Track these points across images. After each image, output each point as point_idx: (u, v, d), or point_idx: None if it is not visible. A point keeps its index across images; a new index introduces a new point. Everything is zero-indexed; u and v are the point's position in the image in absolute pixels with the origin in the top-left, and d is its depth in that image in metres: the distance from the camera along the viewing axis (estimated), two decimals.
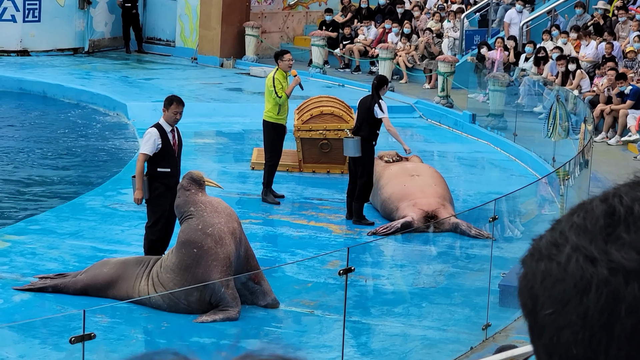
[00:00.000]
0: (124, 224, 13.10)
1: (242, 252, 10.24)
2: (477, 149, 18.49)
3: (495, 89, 19.29)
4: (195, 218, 10.09)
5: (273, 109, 14.12)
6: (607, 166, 16.15)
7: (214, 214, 10.12)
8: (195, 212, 10.13)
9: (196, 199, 10.18)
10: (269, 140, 14.25)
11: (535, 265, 1.21)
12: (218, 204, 10.32)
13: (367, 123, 13.44)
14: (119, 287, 10.44)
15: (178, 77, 23.79)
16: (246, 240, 10.42)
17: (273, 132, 14.17)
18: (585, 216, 1.21)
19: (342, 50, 24.63)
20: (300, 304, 10.66)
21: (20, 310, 10.22)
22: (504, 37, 22.35)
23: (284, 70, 14.22)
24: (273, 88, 14.04)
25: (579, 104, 17.42)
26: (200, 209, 10.13)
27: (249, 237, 10.75)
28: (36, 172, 16.27)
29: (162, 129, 11.09)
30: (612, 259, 1.16)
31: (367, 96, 13.79)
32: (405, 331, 10.14)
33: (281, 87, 14.05)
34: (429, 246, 12.83)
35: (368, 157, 13.41)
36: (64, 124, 19.77)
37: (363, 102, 13.71)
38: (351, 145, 13.44)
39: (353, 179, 13.54)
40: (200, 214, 10.10)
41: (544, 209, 13.82)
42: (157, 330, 10.02)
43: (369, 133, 13.39)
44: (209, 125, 19.27)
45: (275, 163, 14.25)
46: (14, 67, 23.97)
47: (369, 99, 13.58)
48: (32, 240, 12.36)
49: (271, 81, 14.13)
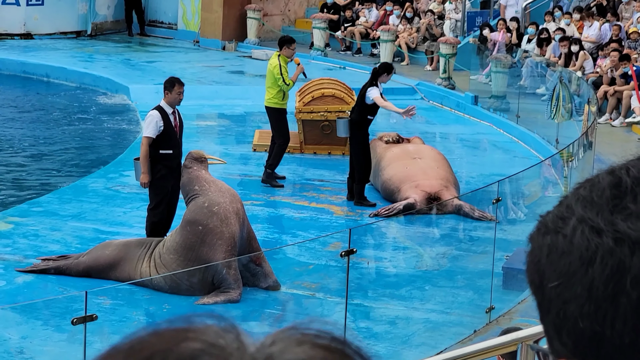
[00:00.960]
0: (126, 206, 13.10)
1: (244, 234, 10.26)
2: (480, 130, 18.46)
3: (498, 70, 19.23)
4: (201, 197, 10.15)
5: (278, 95, 14.07)
6: (610, 148, 16.11)
7: (218, 193, 10.17)
8: (200, 191, 10.18)
9: (199, 176, 10.25)
10: (280, 125, 14.21)
11: (541, 239, 1.19)
12: (222, 184, 10.41)
13: (358, 106, 13.49)
14: (121, 268, 10.45)
15: (180, 59, 23.76)
16: (248, 223, 10.44)
17: (279, 115, 14.17)
18: (591, 188, 1.18)
19: (344, 32, 24.57)
20: (302, 286, 10.66)
21: (22, 292, 10.23)
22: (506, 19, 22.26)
23: (287, 57, 14.15)
24: (280, 76, 13.95)
25: (582, 85, 17.38)
26: (205, 187, 10.19)
27: (250, 219, 10.76)
28: (39, 155, 16.26)
29: (164, 111, 11.08)
30: (618, 229, 1.13)
31: (368, 81, 13.78)
32: (408, 314, 10.13)
33: (287, 75, 14.01)
34: (431, 228, 12.81)
35: (357, 140, 13.39)
36: (66, 107, 19.75)
37: (363, 86, 13.74)
38: (340, 126, 13.71)
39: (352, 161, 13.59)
40: (206, 193, 10.16)
41: (548, 191, 13.79)
42: (158, 311, 10.02)
43: (359, 117, 13.41)
44: (211, 108, 19.25)
45: (285, 144, 14.30)
46: (17, 50, 23.94)
47: (366, 84, 13.58)
48: (35, 222, 12.36)
49: (277, 69, 14.01)
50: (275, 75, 14.01)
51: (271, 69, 14.12)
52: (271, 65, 14.15)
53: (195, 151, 10.56)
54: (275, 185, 14.16)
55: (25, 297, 10.06)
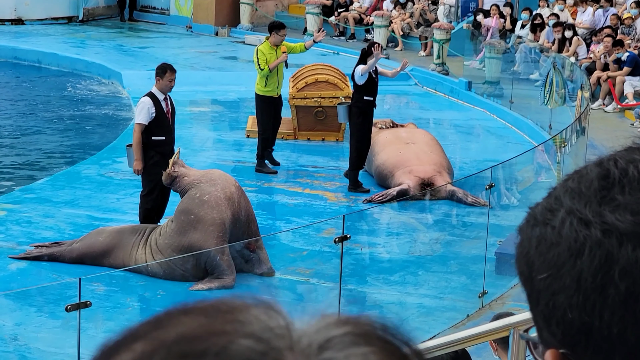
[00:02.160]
0: (119, 192, 13.09)
1: (242, 216, 10.27)
2: (473, 116, 18.46)
3: (492, 56, 19.23)
4: (193, 189, 10.23)
5: (260, 82, 14.05)
6: (604, 133, 16.13)
7: (209, 182, 10.25)
8: (193, 185, 10.24)
9: (184, 173, 10.33)
10: (259, 113, 14.20)
11: (530, 231, 1.20)
12: (213, 173, 10.45)
13: (354, 90, 13.46)
14: (115, 255, 10.46)
15: (173, 45, 23.72)
16: (248, 204, 10.44)
17: (262, 104, 14.09)
18: (579, 180, 1.19)
19: (337, 18, 24.54)
20: (296, 272, 10.67)
21: (16, 279, 10.23)
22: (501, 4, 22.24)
23: (274, 44, 14.03)
24: (256, 60, 13.90)
25: (576, 70, 17.39)
26: (196, 181, 10.27)
27: None
28: (31, 141, 16.24)
29: (155, 98, 11.07)
30: (606, 221, 1.14)
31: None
32: (402, 299, 10.16)
33: (265, 60, 13.90)
34: (425, 214, 12.83)
35: (354, 126, 13.39)
36: (58, 93, 19.72)
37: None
38: (341, 112, 13.68)
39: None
40: (197, 185, 10.23)
41: (541, 177, 13.81)
42: (153, 298, 10.03)
43: (356, 100, 13.41)
44: (204, 94, 19.23)
45: (267, 136, 14.19)
46: (8, 36, 23.87)
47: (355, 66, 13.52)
48: (28, 208, 12.35)
49: (255, 54, 13.97)
50: (254, 60, 13.98)
51: (260, 54, 14.06)
52: (260, 52, 14.08)
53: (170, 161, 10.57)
54: (269, 172, 14.16)
55: (19, 284, 10.06)
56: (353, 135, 13.44)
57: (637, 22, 19.63)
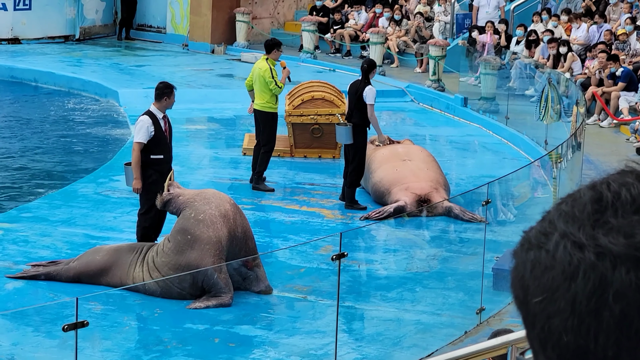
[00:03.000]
0: (116, 210, 13.09)
1: (239, 233, 10.26)
2: (469, 132, 18.49)
3: (487, 72, 19.27)
4: (188, 209, 10.25)
5: (272, 99, 14.05)
6: (599, 148, 16.16)
7: (203, 201, 10.27)
8: (188, 205, 10.26)
9: (179, 193, 10.34)
10: (270, 130, 14.15)
11: (525, 255, 1.21)
12: (207, 192, 10.52)
13: (358, 109, 13.37)
14: (112, 274, 10.45)
15: (169, 63, 23.75)
16: (244, 221, 10.43)
17: (272, 122, 14.14)
18: (573, 204, 1.20)
19: (333, 35, 24.59)
20: (294, 290, 10.67)
21: (13, 298, 10.21)
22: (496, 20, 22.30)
23: (275, 60, 14.14)
24: (272, 79, 13.92)
25: (571, 86, 17.42)
26: (190, 201, 10.28)
27: None
28: (28, 160, 16.24)
29: (154, 116, 11.10)
30: (600, 244, 1.15)
31: (357, 81, 13.65)
32: (399, 316, 10.15)
33: (278, 78, 14.04)
34: (422, 230, 12.83)
35: (360, 142, 13.39)
36: (55, 112, 19.73)
37: (353, 88, 13.59)
38: (343, 133, 13.44)
39: (348, 162, 13.53)
40: (192, 204, 10.25)
41: (537, 192, 13.83)
42: (150, 316, 10.02)
43: (361, 119, 13.34)
44: (200, 112, 19.24)
45: (272, 150, 14.27)
46: (5, 55, 23.89)
47: (358, 84, 13.48)
48: (25, 227, 12.34)
49: (269, 72, 13.95)
50: (267, 79, 13.95)
51: (261, 73, 14.01)
52: (261, 70, 14.04)
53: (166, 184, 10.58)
54: (267, 189, 14.15)
55: (16, 304, 10.04)
56: (356, 154, 13.32)
57: (632, 38, 19.68)
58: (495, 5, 22.73)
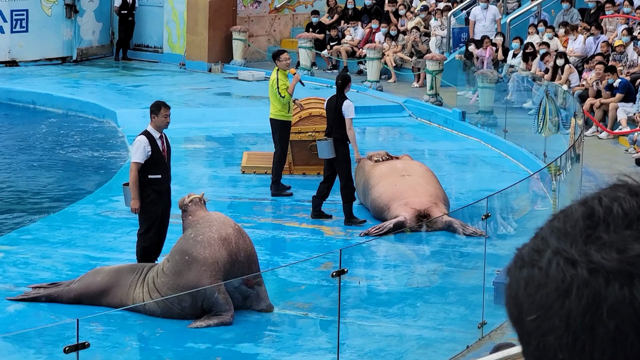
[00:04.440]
0: (116, 231, 13.08)
1: (241, 257, 10.23)
2: (468, 146, 18.49)
3: (484, 85, 19.29)
4: (190, 229, 10.31)
5: (284, 108, 14.50)
6: (598, 160, 16.16)
7: (206, 224, 10.28)
8: (191, 225, 10.32)
9: (194, 215, 10.38)
10: (282, 137, 14.60)
11: (518, 272, 1.21)
12: (212, 215, 10.49)
13: (338, 124, 13.46)
14: (113, 294, 10.44)
15: (167, 83, 23.76)
16: (248, 246, 10.36)
17: (285, 129, 14.61)
18: (565, 220, 1.20)
19: (330, 51, 24.62)
20: (295, 307, 10.65)
21: (14, 321, 10.20)
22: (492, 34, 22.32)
23: (284, 69, 14.59)
24: (277, 89, 14.21)
25: (569, 98, 17.43)
26: (195, 222, 10.35)
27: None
28: (27, 182, 16.24)
29: (151, 136, 11.10)
30: (592, 260, 1.15)
31: (333, 96, 13.77)
32: (401, 331, 10.13)
33: (285, 87, 14.43)
34: (422, 245, 12.82)
35: (342, 157, 13.42)
36: (54, 133, 19.74)
37: (330, 104, 13.71)
38: (325, 148, 13.50)
39: (326, 179, 13.55)
40: (194, 225, 10.28)
41: (537, 205, 13.82)
42: (151, 336, 10.00)
43: (342, 134, 13.41)
44: (198, 130, 19.25)
45: (284, 158, 14.76)
46: (2, 77, 23.92)
47: (335, 100, 13.58)
48: (25, 249, 12.33)
49: (274, 82, 14.44)
50: (273, 89, 14.41)
51: (270, 83, 14.66)
52: (270, 80, 14.71)
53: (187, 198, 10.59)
54: (286, 194, 14.47)
55: (17, 326, 10.03)
56: (341, 170, 13.36)
57: (629, 49, 19.71)
58: (491, 19, 22.77)
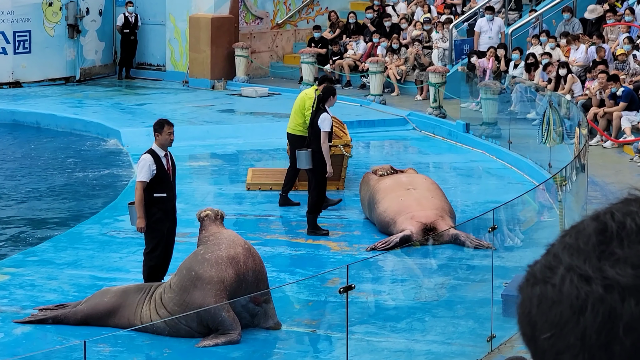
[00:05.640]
0: (122, 251, 13.06)
1: (249, 277, 10.16)
2: (473, 158, 18.47)
3: (488, 97, 19.28)
4: (200, 246, 10.32)
5: (304, 125, 14.46)
6: (603, 169, 16.12)
7: (215, 241, 10.25)
8: (202, 242, 10.34)
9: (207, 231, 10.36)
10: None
11: (531, 290, 1.18)
12: (224, 233, 10.40)
13: (316, 136, 13.47)
14: (120, 315, 10.41)
15: (170, 101, 23.79)
16: (257, 266, 10.27)
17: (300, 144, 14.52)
18: (577, 236, 1.17)
19: (332, 66, 24.64)
20: (302, 324, 10.61)
21: (21, 343, 10.16)
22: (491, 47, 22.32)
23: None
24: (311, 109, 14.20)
25: (572, 108, 17.41)
26: (206, 238, 10.33)
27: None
28: (32, 203, 16.22)
29: (156, 154, 11.08)
30: (607, 276, 1.12)
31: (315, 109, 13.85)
32: (410, 346, 10.09)
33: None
34: (429, 259, 12.78)
35: (320, 169, 13.46)
36: (58, 153, 19.74)
37: (312, 116, 13.81)
38: (303, 158, 13.59)
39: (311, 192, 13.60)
40: (205, 243, 10.31)
41: (543, 216, 13.78)
42: (159, 356, 9.96)
43: (319, 146, 13.44)
44: (203, 148, 19.25)
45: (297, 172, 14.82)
46: (6, 99, 23.95)
47: (315, 112, 13.64)
48: (31, 271, 12.30)
49: (307, 101, 14.38)
50: (307, 105, 14.35)
51: (305, 98, 14.55)
52: (306, 96, 14.61)
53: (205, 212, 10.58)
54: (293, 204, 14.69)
55: (25, 349, 9.99)
56: (317, 180, 13.45)
57: (631, 58, 19.70)
58: (497, 31, 22.76)
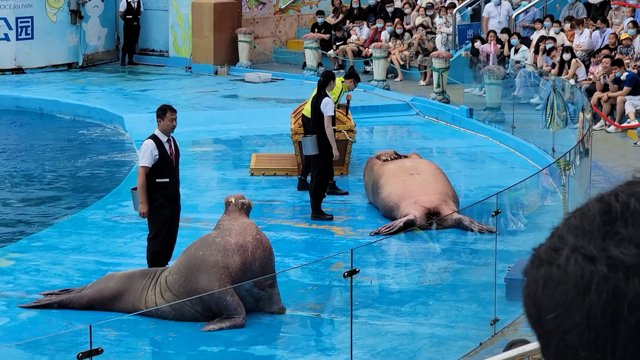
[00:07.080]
0: (126, 236, 13.09)
1: (255, 267, 10.18)
2: (476, 143, 18.47)
3: (491, 82, 19.26)
4: (216, 229, 10.38)
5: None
6: (607, 154, 16.12)
7: (228, 228, 10.32)
8: (217, 227, 10.40)
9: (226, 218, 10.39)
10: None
11: (536, 272, 1.19)
12: (239, 221, 10.39)
13: (319, 122, 13.54)
14: (125, 300, 10.44)
15: (173, 86, 23.78)
16: (266, 257, 10.25)
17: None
18: (581, 217, 1.19)
19: (336, 51, 24.61)
20: (307, 308, 10.65)
21: (26, 328, 10.21)
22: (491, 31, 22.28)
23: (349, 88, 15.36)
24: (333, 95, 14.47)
25: (576, 93, 17.39)
26: (221, 224, 10.38)
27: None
28: (37, 189, 16.26)
29: (158, 140, 11.09)
30: (611, 255, 1.14)
31: (316, 94, 13.92)
32: (413, 330, 10.12)
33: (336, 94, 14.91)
34: (432, 243, 12.80)
35: (323, 154, 13.49)
36: (61, 139, 19.76)
37: (312, 101, 13.90)
38: (308, 144, 13.67)
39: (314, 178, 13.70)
40: (218, 227, 10.37)
41: (546, 200, 13.79)
42: (164, 340, 10.00)
43: (323, 131, 13.46)
44: (206, 133, 19.26)
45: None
46: (9, 85, 23.95)
47: (316, 97, 13.71)
48: (36, 257, 12.34)
49: (337, 90, 14.77)
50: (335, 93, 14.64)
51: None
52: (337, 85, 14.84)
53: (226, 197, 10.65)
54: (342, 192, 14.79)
55: (30, 334, 10.04)
56: (319, 166, 13.47)
57: (635, 42, 19.67)
58: (505, 15, 22.70)
